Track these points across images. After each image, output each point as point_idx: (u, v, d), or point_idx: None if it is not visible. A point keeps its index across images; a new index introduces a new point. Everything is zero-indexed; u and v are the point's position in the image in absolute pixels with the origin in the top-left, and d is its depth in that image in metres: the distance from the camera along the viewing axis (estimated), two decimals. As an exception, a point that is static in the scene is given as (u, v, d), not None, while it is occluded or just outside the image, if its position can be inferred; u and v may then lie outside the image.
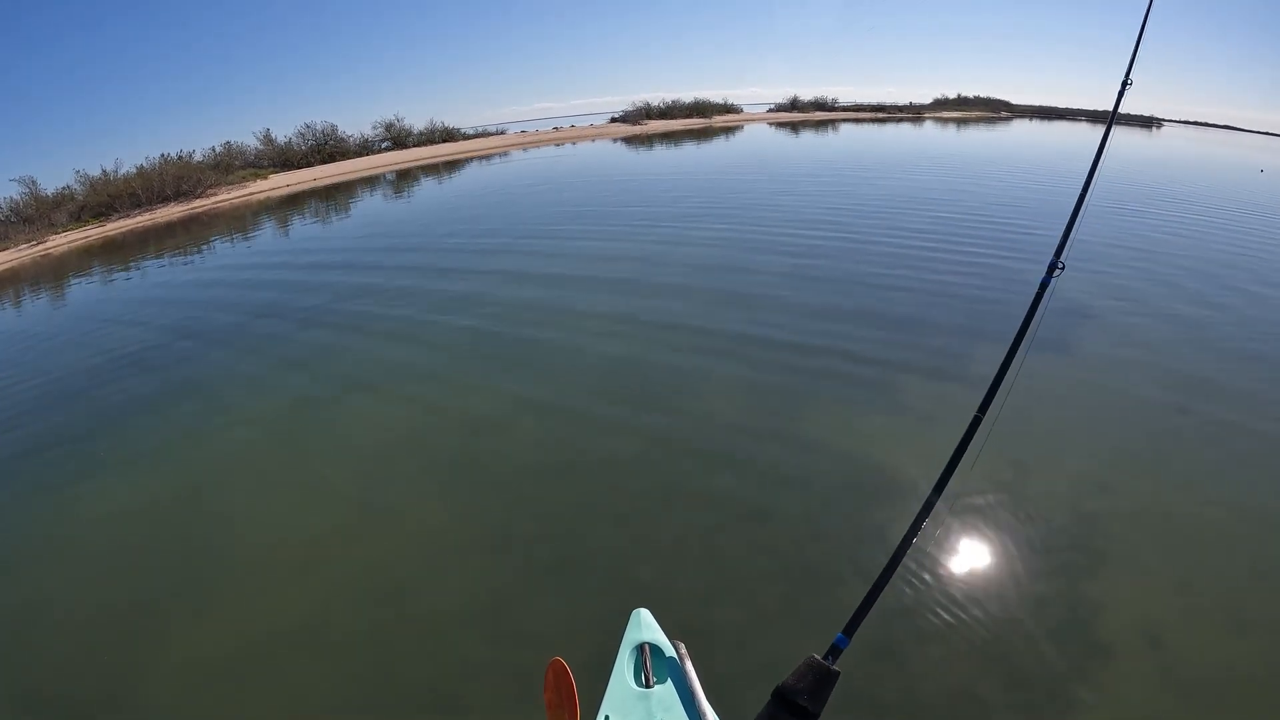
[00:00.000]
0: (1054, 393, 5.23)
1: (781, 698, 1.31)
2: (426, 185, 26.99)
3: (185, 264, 15.41)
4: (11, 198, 26.41)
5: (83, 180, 28.20)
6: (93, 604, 3.95)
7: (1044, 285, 2.08)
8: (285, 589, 3.84)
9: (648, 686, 1.76)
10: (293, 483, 4.98)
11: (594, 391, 5.89)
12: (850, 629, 1.41)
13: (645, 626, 1.94)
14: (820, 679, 1.34)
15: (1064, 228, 2.26)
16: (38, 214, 25.33)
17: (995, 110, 65.04)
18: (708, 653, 1.97)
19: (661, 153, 32.59)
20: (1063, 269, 2.11)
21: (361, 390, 6.51)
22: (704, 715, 1.61)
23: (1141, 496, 4.03)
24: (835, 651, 1.39)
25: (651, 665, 1.81)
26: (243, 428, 5.95)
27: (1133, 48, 2.58)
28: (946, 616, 3.12)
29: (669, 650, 1.85)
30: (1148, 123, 64.96)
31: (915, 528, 1.69)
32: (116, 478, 5.34)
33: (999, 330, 6.46)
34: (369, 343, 7.77)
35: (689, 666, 1.75)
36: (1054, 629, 3.06)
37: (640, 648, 1.87)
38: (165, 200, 27.73)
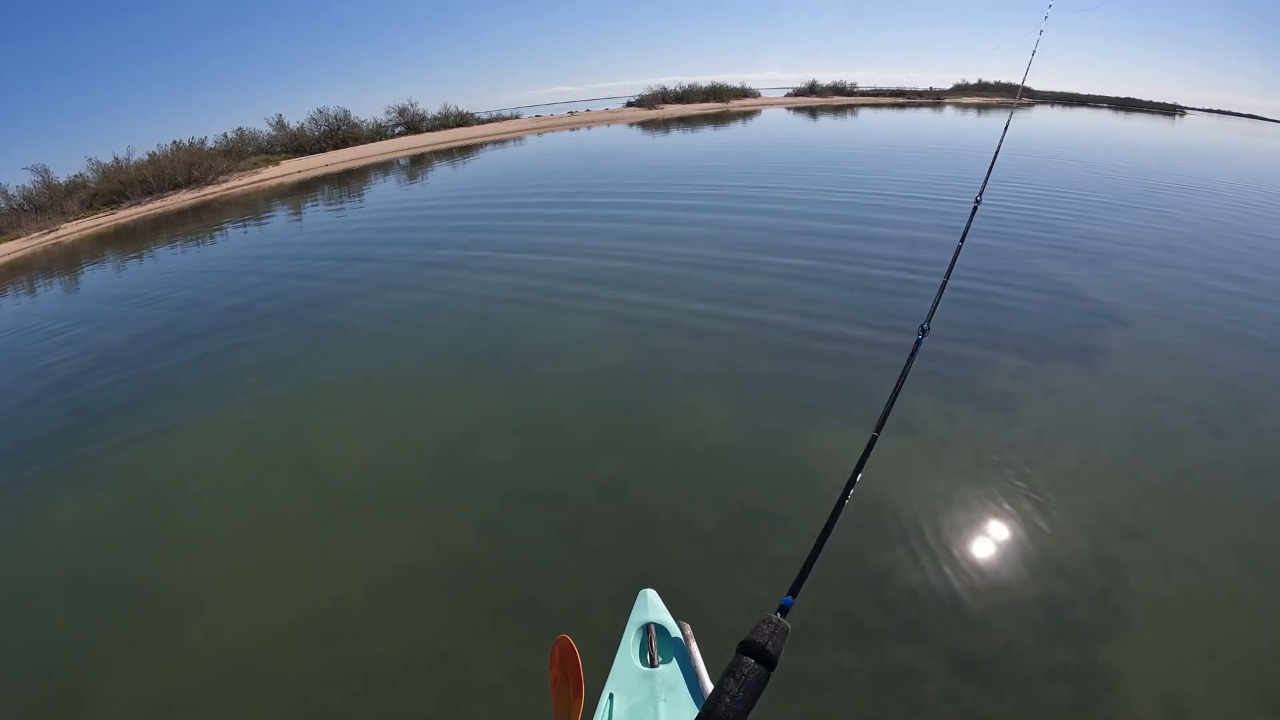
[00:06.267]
0: (1079, 419, 4.91)
1: (749, 647, 1.30)
2: (440, 170, 26.78)
3: (176, 254, 15.36)
4: (24, 186, 26.57)
5: (95, 168, 28.29)
6: (40, 636, 3.78)
7: (916, 345, 2.00)
8: (230, 623, 3.62)
9: (653, 666, 1.76)
10: (250, 503, 4.75)
11: (577, 403, 5.65)
12: (795, 590, 1.39)
13: (652, 607, 1.95)
14: (775, 632, 1.34)
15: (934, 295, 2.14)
16: (50, 202, 25.42)
17: (1016, 97, 63.54)
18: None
19: (680, 138, 32.18)
20: (926, 332, 2.05)
21: (334, 398, 6.30)
22: (707, 696, 1.49)
23: (1171, 544, 3.64)
24: (784, 611, 1.37)
25: (657, 645, 1.82)
26: (209, 439, 5.74)
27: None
28: (947, 682, 2.86)
29: (674, 630, 1.86)
30: (1170, 110, 63.46)
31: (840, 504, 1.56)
32: (74, 496, 5.15)
33: (1021, 335, 6.20)
34: (356, 340, 7.59)
35: (694, 647, 1.78)
36: (1067, 701, 2.77)
37: (646, 628, 1.88)
38: (176, 187, 27.74)
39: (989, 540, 3.64)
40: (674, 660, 1.78)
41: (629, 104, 54.73)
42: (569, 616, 3.33)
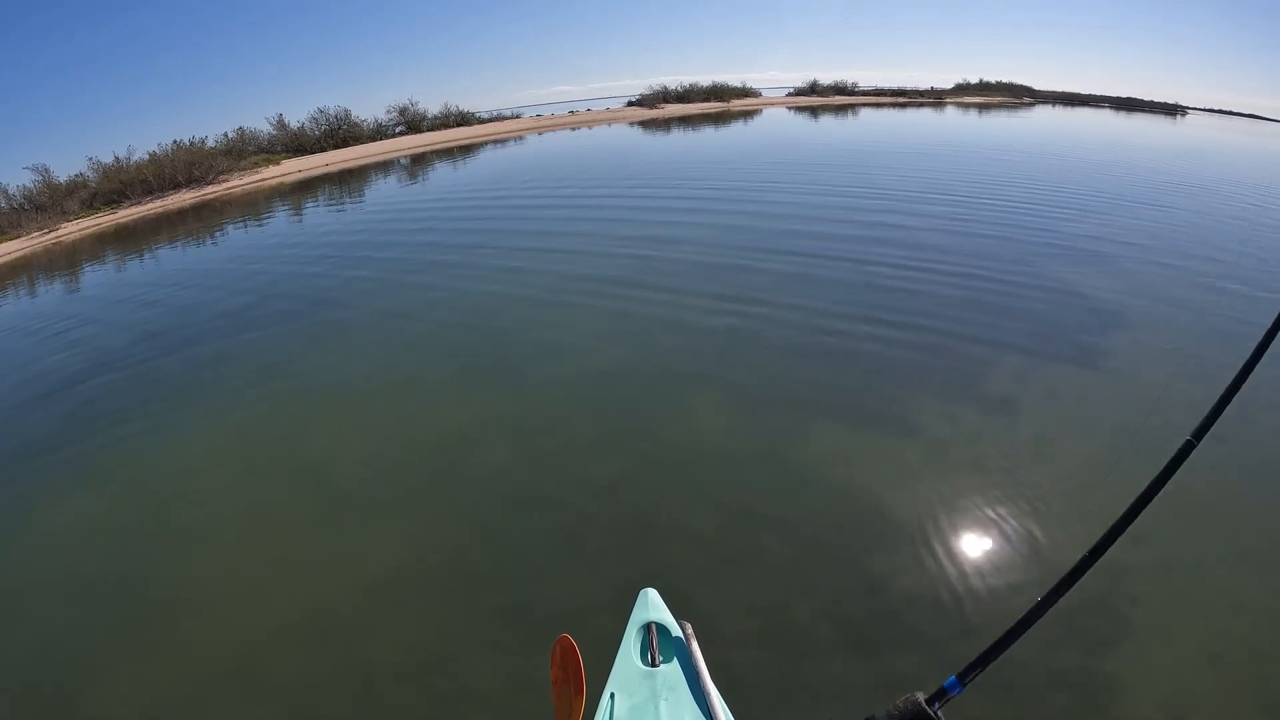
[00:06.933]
0: (1080, 421, 4.87)
1: None
2: (441, 169, 26.75)
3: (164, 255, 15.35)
4: (25, 185, 26.57)
5: (95, 167, 28.30)
6: (36, 638, 3.75)
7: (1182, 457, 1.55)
8: (225, 626, 3.60)
9: (654, 665, 1.76)
10: (247, 504, 4.73)
11: (577, 402, 5.63)
12: (966, 675, 1.20)
13: (653, 606, 1.95)
14: None
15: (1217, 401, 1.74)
16: (51, 201, 25.42)
17: (1018, 96, 63.53)
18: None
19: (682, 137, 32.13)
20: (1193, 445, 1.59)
21: (333, 398, 6.26)
22: (709, 695, 1.61)
23: (1173, 549, 3.59)
24: (942, 696, 1.20)
25: (658, 645, 1.82)
26: (208, 439, 5.72)
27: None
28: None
29: (675, 630, 1.86)
30: (1171, 110, 63.55)
31: (1078, 572, 1.39)
32: (71, 496, 5.12)
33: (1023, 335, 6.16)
34: (355, 339, 7.56)
35: (695, 647, 1.77)
36: (1069, 709, 2.73)
37: (647, 627, 1.88)
38: (177, 187, 27.73)
39: (990, 545, 3.61)
40: (675, 660, 1.78)
41: (630, 103, 54.74)
42: (567, 620, 3.29)
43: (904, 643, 3.07)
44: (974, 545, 3.62)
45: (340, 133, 38.87)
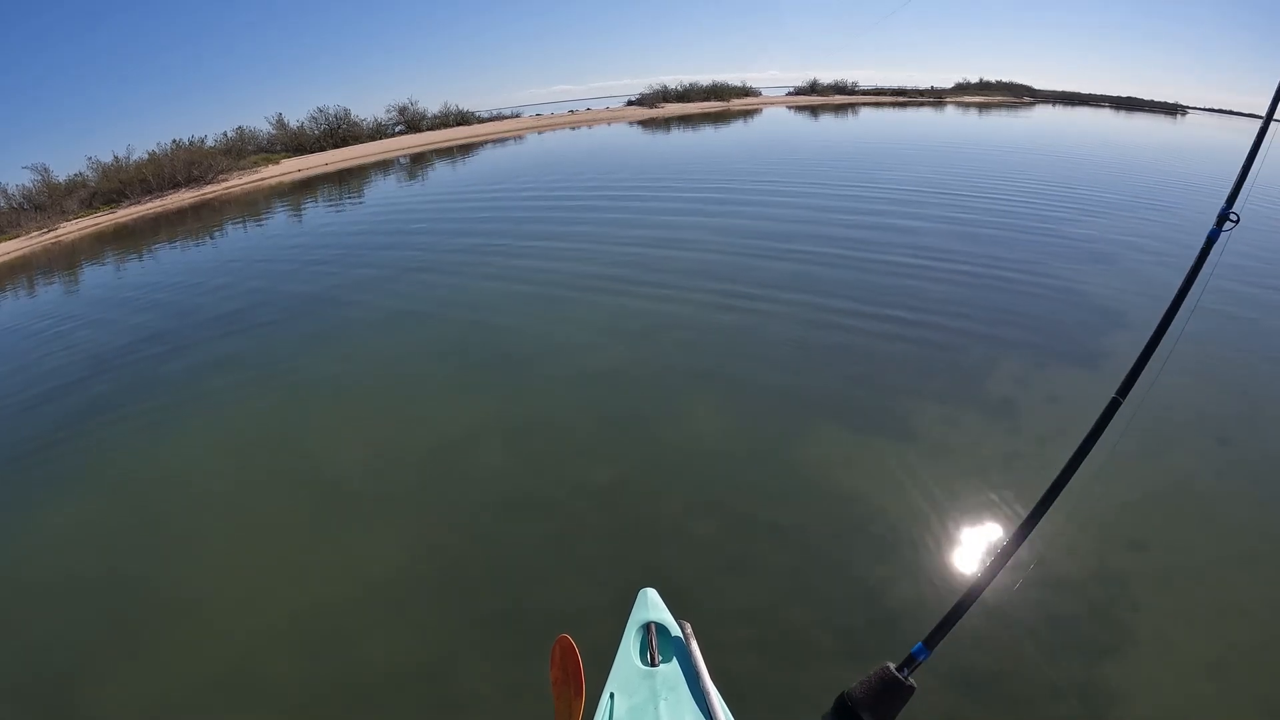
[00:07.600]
0: (1080, 426, 4.84)
1: (843, 707, 1.17)
2: (440, 168, 26.70)
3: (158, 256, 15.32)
4: (24, 185, 26.56)
5: (94, 167, 28.28)
6: (30, 640, 3.73)
7: (1210, 241, 1.69)
8: (220, 630, 3.57)
9: (653, 665, 1.76)
10: (243, 507, 4.70)
11: (576, 403, 5.61)
12: (932, 640, 1.23)
13: (652, 606, 1.96)
14: (889, 691, 1.21)
15: (1239, 170, 1.87)
16: (50, 201, 25.40)
17: (1018, 95, 63.41)
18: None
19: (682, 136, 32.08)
20: (1236, 221, 1.73)
21: (330, 400, 6.24)
22: (708, 695, 1.61)
23: (1176, 555, 3.57)
24: (911, 663, 1.22)
25: (657, 644, 1.82)
26: (204, 441, 5.69)
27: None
28: (947, 700, 2.80)
29: (675, 630, 1.87)
30: (1172, 109, 63.43)
31: (1026, 529, 1.61)
32: (67, 497, 5.10)
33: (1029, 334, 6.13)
34: (353, 342, 7.52)
35: (694, 646, 1.77)
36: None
37: (646, 627, 1.88)
38: (176, 186, 27.70)
39: (990, 552, 3.58)
40: (674, 659, 1.78)
41: (629, 103, 54.71)
42: (566, 621, 3.25)
43: (905, 645, 3.04)
44: (975, 549, 3.60)
45: (340, 132, 38.81)
